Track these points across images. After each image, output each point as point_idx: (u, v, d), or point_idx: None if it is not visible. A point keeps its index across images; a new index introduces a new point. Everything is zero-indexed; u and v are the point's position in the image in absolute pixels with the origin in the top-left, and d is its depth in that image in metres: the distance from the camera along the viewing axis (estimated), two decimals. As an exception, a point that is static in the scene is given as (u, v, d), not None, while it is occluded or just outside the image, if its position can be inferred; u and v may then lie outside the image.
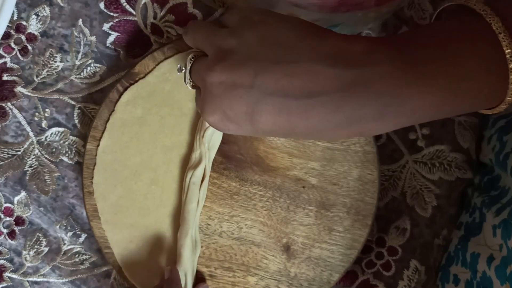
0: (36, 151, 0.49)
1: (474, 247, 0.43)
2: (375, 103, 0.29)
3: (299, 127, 0.31)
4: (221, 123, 0.34)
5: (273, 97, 0.31)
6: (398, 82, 0.29)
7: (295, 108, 0.30)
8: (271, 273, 0.47)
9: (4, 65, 0.49)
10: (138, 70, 0.46)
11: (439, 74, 0.29)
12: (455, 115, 0.33)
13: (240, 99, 0.32)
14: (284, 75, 0.30)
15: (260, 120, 0.32)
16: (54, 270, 0.50)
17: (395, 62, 0.29)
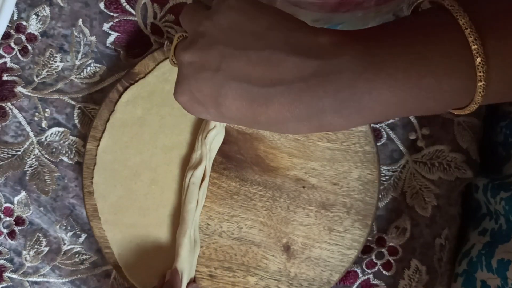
0: (36, 151, 0.49)
1: (502, 253, 0.42)
2: (333, 97, 0.29)
3: (260, 116, 0.31)
4: (189, 104, 0.34)
5: (236, 82, 0.31)
6: (357, 76, 0.29)
7: (257, 96, 0.31)
8: (271, 273, 0.47)
9: (4, 65, 0.49)
10: (138, 70, 0.46)
11: (398, 71, 0.29)
12: (426, 113, 0.32)
13: (207, 81, 0.32)
14: (248, 62, 0.31)
15: (224, 103, 0.32)
16: (54, 270, 0.50)
17: (357, 57, 0.29)
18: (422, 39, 0.29)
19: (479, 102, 0.30)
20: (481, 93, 0.30)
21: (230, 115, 0.32)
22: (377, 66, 0.29)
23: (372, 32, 0.31)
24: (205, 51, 0.32)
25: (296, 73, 0.30)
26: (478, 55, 0.28)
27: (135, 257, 0.47)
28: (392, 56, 0.29)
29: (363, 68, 0.29)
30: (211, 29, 0.33)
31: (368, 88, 0.29)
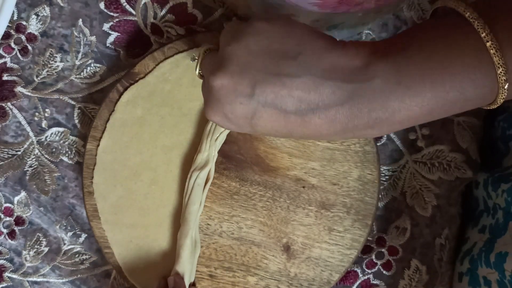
0: (36, 151, 0.49)
1: (500, 247, 0.43)
2: (367, 116, 0.31)
3: (296, 133, 0.33)
4: (223, 123, 0.35)
5: (271, 108, 0.32)
6: (388, 97, 0.31)
7: (293, 119, 0.32)
8: (271, 273, 0.47)
9: (4, 65, 0.49)
10: (138, 70, 0.46)
11: (426, 88, 0.31)
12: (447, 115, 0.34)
13: (240, 105, 0.33)
14: (283, 87, 0.32)
15: (259, 124, 0.33)
16: (54, 270, 0.50)
17: (387, 79, 0.31)
18: (446, 53, 0.31)
19: (500, 103, 0.32)
20: (502, 95, 0.31)
21: (265, 132, 0.34)
22: (406, 85, 0.31)
23: (399, 45, 0.32)
24: (236, 75, 0.33)
25: (332, 97, 0.31)
26: (500, 65, 0.30)
27: (135, 257, 0.47)
28: (419, 73, 0.31)
29: (393, 88, 0.31)
30: (240, 52, 0.33)
31: (398, 107, 0.31)
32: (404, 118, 0.32)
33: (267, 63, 0.32)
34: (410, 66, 0.31)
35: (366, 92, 0.31)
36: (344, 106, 0.31)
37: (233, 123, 0.34)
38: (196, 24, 0.48)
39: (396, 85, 0.31)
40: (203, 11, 0.48)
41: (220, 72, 0.33)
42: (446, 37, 0.32)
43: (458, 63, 0.31)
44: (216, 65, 0.34)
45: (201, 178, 0.46)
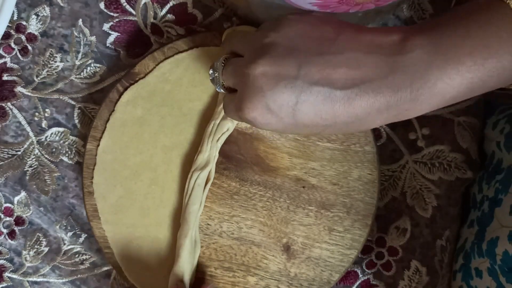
0: (36, 151, 0.49)
1: (490, 234, 0.43)
2: (410, 87, 0.32)
3: (342, 115, 0.33)
4: (262, 117, 0.34)
5: (318, 87, 0.32)
6: (428, 66, 0.32)
7: (340, 97, 0.32)
8: (271, 273, 0.47)
9: (4, 65, 0.49)
10: (138, 70, 0.46)
11: (464, 56, 0.32)
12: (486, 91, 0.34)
13: (285, 89, 0.32)
14: (327, 65, 0.32)
15: (303, 110, 0.33)
16: (54, 270, 0.50)
17: (425, 49, 0.32)
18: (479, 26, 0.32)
19: None
20: None
21: (307, 121, 0.33)
22: (444, 54, 0.32)
23: (433, 24, 0.33)
24: (278, 60, 0.33)
25: (375, 71, 0.32)
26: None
27: (135, 257, 0.47)
28: (456, 44, 0.32)
29: (433, 58, 0.32)
30: (280, 40, 0.33)
31: (440, 75, 0.32)
32: (445, 89, 0.32)
33: (308, 45, 0.33)
34: (446, 37, 0.32)
35: (406, 63, 0.32)
36: (388, 78, 0.32)
37: (274, 113, 0.33)
38: (196, 24, 0.48)
39: (435, 54, 0.32)
40: (203, 11, 0.48)
41: (261, 59, 0.33)
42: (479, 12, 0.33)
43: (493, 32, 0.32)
44: (254, 56, 0.33)
45: (202, 178, 0.46)
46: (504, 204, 0.43)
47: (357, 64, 0.32)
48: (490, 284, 0.42)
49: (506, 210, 0.42)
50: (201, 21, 0.48)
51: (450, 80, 0.32)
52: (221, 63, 0.38)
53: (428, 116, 0.49)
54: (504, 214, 0.42)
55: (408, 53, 0.32)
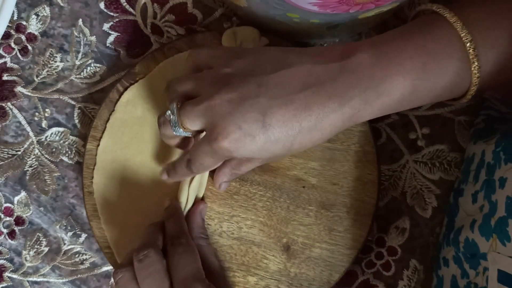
0: (36, 151, 0.49)
1: (457, 224, 0.44)
2: (358, 86, 0.35)
3: (303, 119, 0.35)
4: (236, 141, 0.35)
5: (278, 99, 0.35)
6: (373, 68, 0.35)
7: (298, 101, 0.35)
8: (271, 273, 0.47)
9: (4, 65, 0.49)
10: (138, 70, 0.46)
11: (406, 59, 0.35)
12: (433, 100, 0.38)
13: (251, 108, 0.35)
14: (282, 79, 0.35)
15: (271, 122, 0.35)
16: (54, 270, 0.50)
17: (370, 54, 0.35)
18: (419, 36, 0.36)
19: (477, 84, 0.36)
20: (476, 73, 0.36)
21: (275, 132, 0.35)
22: (387, 58, 0.35)
23: (375, 37, 0.37)
24: (239, 86, 0.35)
25: (326, 75, 0.35)
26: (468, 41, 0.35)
27: (135, 257, 0.47)
28: (396, 49, 0.35)
29: (376, 60, 0.35)
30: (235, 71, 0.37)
31: (383, 75, 0.35)
32: (390, 89, 0.35)
33: (261, 68, 0.36)
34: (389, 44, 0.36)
35: (353, 65, 0.35)
36: (337, 79, 0.35)
37: (246, 134, 0.35)
38: (196, 24, 0.48)
39: (378, 57, 0.35)
40: (203, 11, 0.48)
41: (223, 89, 0.36)
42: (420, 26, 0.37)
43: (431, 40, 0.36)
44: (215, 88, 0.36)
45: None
46: (465, 193, 0.44)
47: (308, 74, 0.35)
48: (455, 271, 0.42)
49: (468, 199, 0.43)
50: (201, 21, 0.48)
51: (393, 80, 0.35)
52: (177, 105, 0.38)
53: (428, 116, 0.49)
54: (467, 203, 0.43)
55: (353, 56, 0.35)
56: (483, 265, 0.38)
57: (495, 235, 0.36)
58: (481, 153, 0.43)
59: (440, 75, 0.36)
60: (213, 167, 0.40)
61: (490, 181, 0.40)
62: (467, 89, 0.37)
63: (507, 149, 0.39)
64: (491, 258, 0.37)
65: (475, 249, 0.39)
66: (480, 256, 0.38)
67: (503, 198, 0.36)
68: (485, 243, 0.38)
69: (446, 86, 0.36)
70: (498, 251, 0.36)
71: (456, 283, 0.42)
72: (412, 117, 0.49)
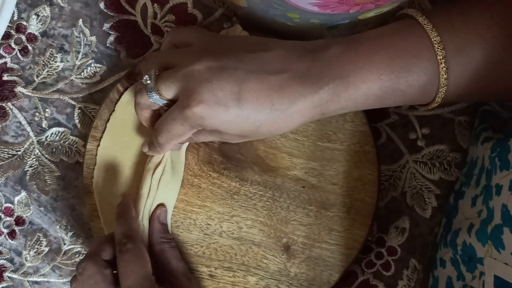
0: (36, 151, 0.49)
1: (455, 226, 0.44)
2: (328, 75, 0.36)
3: (276, 102, 0.36)
4: (210, 108, 0.36)
5: (255, 74, 0.36)
6: (343, 60, 0.37)
7: (273, 83, 0.36)
8: (271, 273, 0.47)
9: (5, 65, 0.49)
10: (139, 70, 0.46)
11: (374, 54, 0.37)
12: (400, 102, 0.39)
13: (229, 77, 0.36)
14: (261, 59, 0.37)
15: (246, 97, 0.36)
16: (55, 270, 0.50)
17: (343, 48, 0.37)
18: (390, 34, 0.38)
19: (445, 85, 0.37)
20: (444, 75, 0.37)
21: (248, 108, 0.36)
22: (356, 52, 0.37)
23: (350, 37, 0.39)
24: (220, 56, 0.37)
25: (301, 63, 0.37)
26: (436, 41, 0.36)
27: (135, 257, 0.47)
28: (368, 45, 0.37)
29: (346, 54, 0.37)
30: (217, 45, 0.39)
31: (352, 68, 0.37)
32: (357, 81, 0.36)
33: (242, 46, 0.38)
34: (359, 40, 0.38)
35: (326, 57, 0.37)
36: (310, 69, 0.37)
37: (221, 103, 0.36)
38: (196, 24, 0.48)
39: (348, 50, 0.37)
40: (203, 11, 0.48)
41: (205, 57, 0.37)
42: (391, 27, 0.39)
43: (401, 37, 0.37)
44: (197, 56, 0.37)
45: (152, 162, 0.44)
46: (466, 196, 0.44)
47: (285, 59, 0.37)
48: (451, 273, 0.42)
49: (468, 202, 0.43)
50: (201, 21, 0.48)
51: (360, 73, 0.36)
52: (155, 72, 0.39)
53: (428, 116, 0.49)
54: (467, 206, 0.43)
55: (327, 50, 0.37)
56: (480, 269, 0.38)
57: (491, 241, 0.37)
58: (482, 157, 0.43)
59: (407, 71, 0.37)
60: (180, 137, 0.40)
61: (488, 187, 0.40)
62: (435, 92, 0.38)
63: (501, 156, 0.39)
64: (487, 263, 0.37)
65: (472, 253, 0.39)
66: (476, 260, 0.39)
67: (499, 205, 0.36)
68: (481, 248, 0.38)
69: (413, 85, 0.37)
70: (494, 257, 0.36)
71: (451, 285, 0.42)
72: (412, 117, 0.49)
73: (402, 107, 0.49)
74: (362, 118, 0.47)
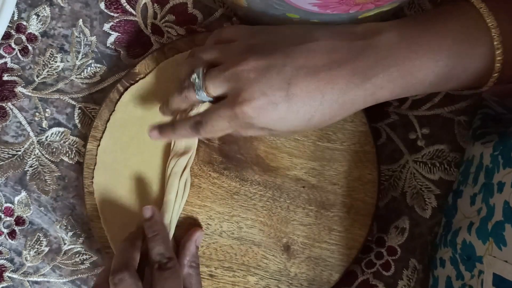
0: (36, 151, 0.49)
1: (455, 226, 0.44)
2: (381, 63, 0.35)
3: (327, 92, 0.36)
4: (259, 109, 0.36)
5: (304, 69, 0.36)
6: (397, 46, 0.35)
7: (323, 76, 0.35)
8: (271, 273, 0.47)
9: (5, 65, 0.49)
10: (139, 70, 0.46)
11: (431, 41, 0.35)
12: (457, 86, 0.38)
13: (277, 75, 0.36)
14: (308, 52, 0.36)
15: (295, 92, 0.35)
16: (55, 270, 0.50)
17: (395, 34, 0.36)
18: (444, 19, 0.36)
19: (499, 70, 0.36)
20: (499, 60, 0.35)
21: (298, 102, 0.36)
22: (411, 38, 0.36)
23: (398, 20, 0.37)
24: (265, 54, 0.36)
25: (350, 51, 0.36)
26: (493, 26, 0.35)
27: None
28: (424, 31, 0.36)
29: (401, 40, 0.36)
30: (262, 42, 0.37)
31: (408, 53, 0.35)
32: (414, 68, 0.35)
33: (288, 40, 0.37)
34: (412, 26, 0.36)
35: (376, 44, 0.36)
36: (362, 56, 0.35)
37: (270, 101, 0.35)
38: (196, 24, 0.48)
39: (403, 37, 0.36)
40: (203, 11, 0.48)
41: (250, 56, 0.36)
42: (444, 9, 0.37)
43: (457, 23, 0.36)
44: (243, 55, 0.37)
45: (179, 165, 0.45)
46: (464, 195, 0.44)
47: (333, 49, 0.36)
48: (451, 272, 0.42)
49: (466, 201, 0.43)
50: (201, 21, 0.48)
51: (418, 60, 0.35)
52: (202, 71, 0.38)
53: (428, 116, 0.49)
54: (465, 205, 0.43)
55: (377, 35, 0.36)
56: (479, 268, 0.38)
57: (492, 238, 0.37)
58: (479, 155, 0.43)
59: (464, 58, 0.36)
60: (222, 133, 0.39)
61: (488, 185, 0.40)
62: (489, 77, 0.37)
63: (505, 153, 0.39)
64: (486, 261, 0.37)
65: (472, 251, 0.39)
66: (475, 259, 0.39)
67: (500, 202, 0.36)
68: (481, 246, 0.38)
69: (469, 71, 0.36)
70: (494, 255, 0.36)
71: (450, 284, 0.42)
72: (412, 117, 0.49)
73: (402, 106, 0.49)
74: (362, 118, 0.47)
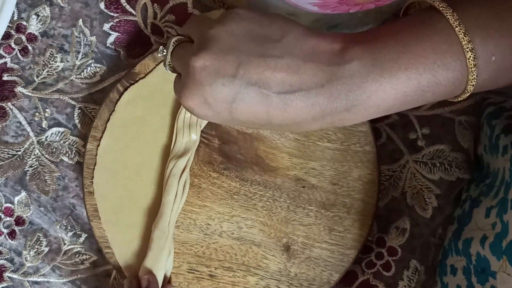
0: (36, 151, 0.49)
1: (466, 234, 0.44)
2: (346, 98, 0.32)
3: (276, 118, 0.33)
4: (199, 109, 0.34)
5: (255, 88, 0.32)
6: (365, 79, 0.32)
7: (275, 101, 0.32)
8: (271, 273, 0.47)
9: (5, 65, 0.49)
10: (139, 70, 0.46)
11: (400, 70, 0.32)
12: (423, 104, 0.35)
13: (222, 87, 0.33)
14: (266, 68, 0.32)
15: (239, 109, 0.33)
16: (55, 270, 0.50)
17: (363, 62, 0.32)
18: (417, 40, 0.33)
19: (470, 91, 0.34)
20: (472, 82, 0.33)
21: (243, 118, 0.33)
22: (381, 68, 0.32)
23: (374, 35, 0.34)
24: (219, 56, 0.33)
25: (313, 79, 0.32)
26: (469, 50, 0.32)
27: (135, 257, 0.47)
28: (393, 58, 0.32)
29: (369, 71, 0.32)
30: (224, 35, 0.33)
31: (375, 88, 0.32)
32: (380, 101, 0.33)
33: (251, 45, 0.33)
34: (384, 51, 0.33)
35: (344, 74, 0.32)
36: (324, 87, 0.32)
37: (211, 108, 0.34)
38: (196, 24, 0.48)
39: (372, 67, 0.32)
40: (203, 11, 0.48)
41: (203, 52, 0.33)
42: (418, 26, 0.33)
43: (429, 47, 0.32)
44: (197, 48, 0.34)
45: (178, 167, 0.45)
46: (481, 206, 0.43)
47: (296, 70, 0.32)
48: (461, 282, 0.42)
49: (482, 212, 0.42)
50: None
51: (385, 94, 0.32)
52: (173, 44, 0.37)
53: (428, 116, 0.49)
54: (480, 216, 0.42)
55: (346, 64, 0.32)
56: (491, 283, 0.37)
57: (505, 257, 0.36)
58: (503, 169, 0.42)
59: (435, 86, 0.33)
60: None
61: (504, 200, 0.39)
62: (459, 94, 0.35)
63: None
64: (500, 277, 0.36)
65: (486, 265, 0.38)
66: (489, 273, 0.38)
67: None
68: (496, 262, 0.37)
69: (438, 95, 0.34)
70: (508, 273, 0.35)
71: None
72: (412, 117, 0.49)
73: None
74: (362, 118, 0.47)
